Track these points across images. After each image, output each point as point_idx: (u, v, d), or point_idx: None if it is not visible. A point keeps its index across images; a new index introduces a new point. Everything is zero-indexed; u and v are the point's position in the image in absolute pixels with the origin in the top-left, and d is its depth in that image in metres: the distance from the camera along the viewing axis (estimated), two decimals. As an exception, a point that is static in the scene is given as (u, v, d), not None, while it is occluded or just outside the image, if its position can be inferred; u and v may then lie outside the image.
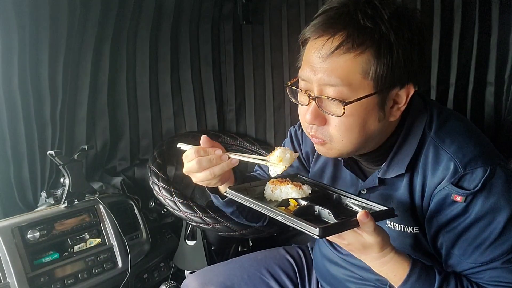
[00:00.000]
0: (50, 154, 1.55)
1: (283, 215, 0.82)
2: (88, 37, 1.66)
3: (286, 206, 0.91)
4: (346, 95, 0.83)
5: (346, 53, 0.81)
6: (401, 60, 0.82)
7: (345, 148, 0.91)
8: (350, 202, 0.94)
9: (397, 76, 0.84)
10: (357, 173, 1.05)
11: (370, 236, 0.82)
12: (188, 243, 1.78)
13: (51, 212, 1.55)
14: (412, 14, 0.86)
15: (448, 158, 0.88)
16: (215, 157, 0.96)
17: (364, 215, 0.79)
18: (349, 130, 0.87)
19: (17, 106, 1.57)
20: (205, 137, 0.99)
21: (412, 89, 0.88)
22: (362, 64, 0.82)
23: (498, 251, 0.86)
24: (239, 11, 1.97)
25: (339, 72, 0.82)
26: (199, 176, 0.98)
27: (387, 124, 0.92)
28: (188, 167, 0.98)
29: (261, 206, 0.87)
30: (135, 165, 2.00)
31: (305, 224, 0.77)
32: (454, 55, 1.58)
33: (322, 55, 0.83)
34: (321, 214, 0.88)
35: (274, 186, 0.97)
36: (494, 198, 0.85)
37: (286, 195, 0.94)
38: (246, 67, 2.08)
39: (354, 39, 0.81)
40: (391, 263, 0.87)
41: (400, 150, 0.94)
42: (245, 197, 0.92)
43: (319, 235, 0.75)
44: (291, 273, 1.35)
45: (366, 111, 0.85)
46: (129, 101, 1.89)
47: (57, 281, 1.46)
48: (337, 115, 0.85)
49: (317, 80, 0.85)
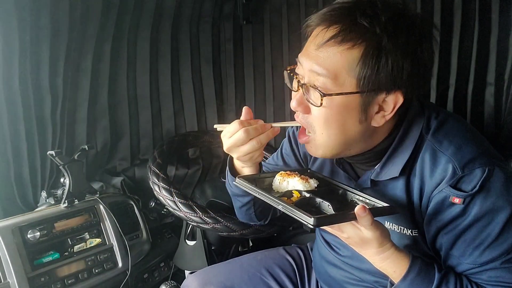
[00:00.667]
0: (50, 154, 1.55)
1: (283, 205, 0.84)
2: (88, 37, 1.66)
3: (289, 197, 0.93)
4: (329, 88, 0.85)
5: (335, 46, 0.83)
6: (389, 65, 0.82)
7: (327, 145, 0.91)
8: (355, 198, 0.96)
9: (383, 81, 0.83)
10: (350, 173, 1.05)
11: (368, 231, 0.83)
12: (188, 243, 1.78)
13: (51, 212, 1.55)
14: (415, 22, 0.84)
15: (446, 160, 0.88)
16: (260, 126, 0.97)
17: (361, 209, 0.80)
18: (327, 124, 0.88)
19: (18, 106, 1.57)
20: (247, 108, 1.00)
21: (401, 98, 0.86)
22: (349, 60, 0.83)
23: (497, 251, 0.86)
24: (239, 11, 1.97)
25: (327, 63, 0.84)
26: (244, 149, 0.98)
27: (371, 129, 0.91)
28: (234, 140, 0.97)
29: (263, 195, 0.89)
30: (135, 165, 2.00)
31: (300, 213, 0.79)
32: (454, 55, 1.58)
33: (316, 43, 0.86)
34: (321, 206, 0.89)
35: (282, 178, 0.99)
36: (492, 199, 0.85)
37: (292, 187, 0.96)
38: (246, 67, 2.08)
39: (346, 34, 0.82)
40: (390, 259, 0.88)
41: (395, 153, 0.94)
42: (251, 186, 0.94)
43: (313, 224, 0.77)
44: (291, 273, 1.35)
45: (347, 109, 0.86)
46: (129, 101, 1.89)
47: (57, 281, 1.46)
48: (316, 105, 0.87)
49: (308, 66, 0.87)
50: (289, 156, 1.22)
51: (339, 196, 0.98)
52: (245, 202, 1.17)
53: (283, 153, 1.24)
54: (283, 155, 1.24)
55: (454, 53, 1.57)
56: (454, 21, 1.55)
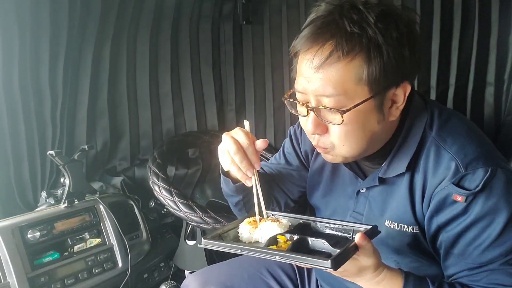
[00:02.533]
0: (50, 154, 1.55)
1: (282, 255, 0.77)
2: (88, 37, 1.66)
3: (275, 244, 0.86)
4: (343, 104, 0.83)
5: (337, 62, 0.82)
6: (392, 60, 0.82)
7: (348, 154, 0.91)
8: (329, 227, 0.93)
9: (391, 77, 0.84)
10: (357, 172, 1.05)
11: (368, 258, 0.82)
12: (188, 243, 1.78)
13: (51, 212, 1.55)
14: (398, 12, 0.86)
15: (449, 158, 0.88)
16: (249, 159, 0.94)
17: (362, 238, 0.79)
18: (350, 137, 0.88)
19: (17, 106, 1.57)
20: (266, 141, 0.96)
21: (409, 86, 0.88)
22: (354, 71, 0.82)
23: (497, 252, 0.86)
24: (239, 11, 1.97)
25: (333, 82, 0.82)
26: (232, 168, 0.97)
27: (388, 124, 0.92)
28: (222, 158, 0.97)
29: (253, 250, 0.80)
30: (135, 165, 2.00)
31: (315, 259, 0.74)
32: (453, 55, 1.58)
33: (314, 66, 0.83)
34: (315, 245, 0.85)
35: (252, 227, 0.92)
36: (494, 199, 0.85)
37: (268, 233, 0.89)
38: (246, 67, 2.08)
39: (343, 47, 0.81)
40: (385, 281, 0.87)
41: (401, 150, 0.94)
42: (230, 244, 0.85)
43: (331, 267, 0.72)
44: (291, 273, 1.35)
45: (365, 115, 0.86)
46: (129, 101, 1.89)
47: (57, 281, 1.46)
48: (336, 123, 0.85)
49: (313, 91, 0.85)
50: (291, 155, 1.22)
51: (313, 228, 0.95)
52: (235, 202, 1.15)
53: (285, 152, 1.25)
54: (285, 154, 1.24)
55: (454, 53, 1.57)
56: (454, 21, 1.54)
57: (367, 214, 1.02)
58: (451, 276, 0.93)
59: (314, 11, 0.87)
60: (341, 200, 1.09)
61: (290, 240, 0.87)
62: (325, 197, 1.13)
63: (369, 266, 0.83)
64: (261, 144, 0.95)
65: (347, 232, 0.91)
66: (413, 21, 0.88)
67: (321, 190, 1.14)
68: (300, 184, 1.22)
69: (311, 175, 1.17)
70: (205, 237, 0.88)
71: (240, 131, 0.96)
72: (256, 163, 0.95)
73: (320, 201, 1.15)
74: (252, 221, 0.95)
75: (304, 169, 1.21)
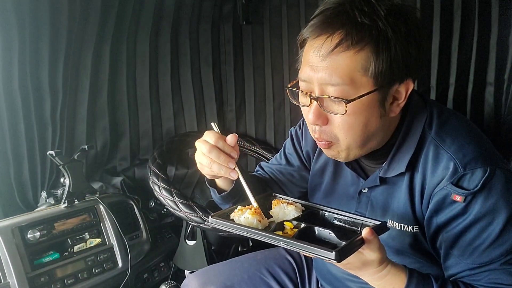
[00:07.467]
0: (50, 154, 1.55)
1: (287, 241, 0.78)
2: (88, 37, 1.66)
3: (281, 230, 0.86)
4: (348, 94, 0.83)
5: (345, 51, 0.82)
6: (399, 55, 0.83)
7: (350, 148, 0.91)
8: (338, 219, 0.93)
9: (396, 72, 0.84)
10: (359, 172, 1.05)
11: (373, 253, 0.81)
12: (188, 243, 1.78)
13: (51, 212, 1.55)
14: (408, 9, 0.86)
15: (448, 157, 0.88)
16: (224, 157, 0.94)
17: (369, 233, 0.78)
18: (352, 128, 0.87)
19: (17, 106, 1.57)
20: (235, 136, 0.97)
21: (411, 84, 0.88)
22: (362, 61, 0.82)
23: (497, 252, 0.86)
24: (239, 11, 1.97)
25: (339, 71, 0.82)
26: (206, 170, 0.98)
27: (388, 120, 0.92)
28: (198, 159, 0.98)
29: (258, 233, 0.81)
30: (135, 165, 2.00)
31: (319, 249, 0.73)
32: (453, 55, 1.58)
33: (321, 54, 0.83)
34: (321, 235, 0.85)
35: (251, 216, 0.90)
36: (493, 199, 0.85)
37: (285, 216, 0.90)
38: (246, 67, 2.08)
39: (353, 36, 0.81)
40: (388, 276, 0.87)
41: (400, 149, 0.95)
42: (237, 225, 0.85)
43: (335, 259, 0.72)
44: (291, 273, 1.35)
45: (368, 108, 0.86)
46: (129, 101, 1.89)
47: (57, 281, 1.46)
48: (340, 113, 0.85)
49: (318, 79, 0.85)
50: (292, 156, 1.22)
51: (321, 218, 0.95)
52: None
53: (286, 152, 1.25)
54: (286, 154, 1.24)
55: (454, 53, 1.57)
56: (454, 21, 1.54)
57: (369, 214, 1.02)
58: (452, 277, 0.93)
59: (324, 3, 0.88)
60: (343, 200, 1.09)
61: (296, 227, 0.87)
62: (326, 198, 1.13)
63: (373, 261, 0.83)
64: (231, 139, 0.95)
65: (355, 225, 0.91)
66: (420, 20, 0.89)
67: (323, 191, 1.14)
68: (300, 185, 1.23)
69: (313, 175, 1.17)
70: (213, 215, 0.89)
71: (208, 133, 0.96)
72: (233, 153, 0.95)
73: (322, 202, 1.15)
74: (277, 201, 0.95)
75: (305, 169, 1.21)
